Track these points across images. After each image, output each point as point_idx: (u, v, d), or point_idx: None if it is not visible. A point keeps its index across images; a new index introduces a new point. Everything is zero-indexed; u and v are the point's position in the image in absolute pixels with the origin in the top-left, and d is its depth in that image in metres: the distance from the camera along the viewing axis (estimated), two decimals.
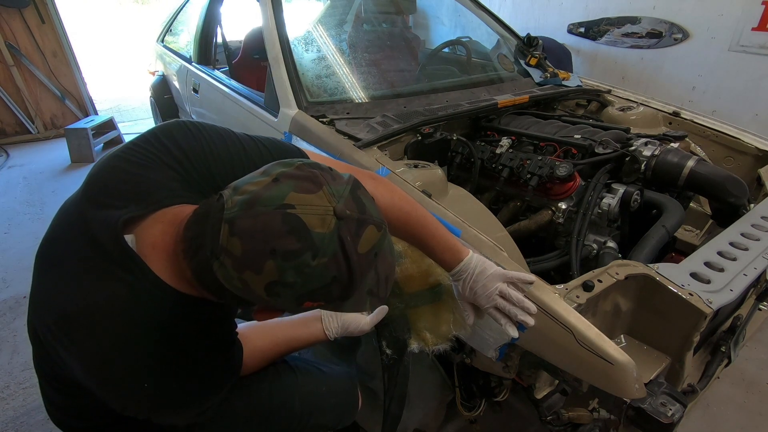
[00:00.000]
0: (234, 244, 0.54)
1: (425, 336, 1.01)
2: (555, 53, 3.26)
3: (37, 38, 4.17)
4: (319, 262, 0.54)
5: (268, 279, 0.54)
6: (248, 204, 0.55)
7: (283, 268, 0.53)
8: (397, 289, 1.03)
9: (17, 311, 2.14)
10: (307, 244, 0.53)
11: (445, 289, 1.02)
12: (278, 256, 0.53)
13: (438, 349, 1.01)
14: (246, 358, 0.87)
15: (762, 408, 1.62)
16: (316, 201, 0.56)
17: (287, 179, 0.57)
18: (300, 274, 0.54)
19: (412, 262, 1.04)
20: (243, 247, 0.53)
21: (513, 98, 1.74)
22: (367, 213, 0.60)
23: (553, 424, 1.02)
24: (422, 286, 1.02)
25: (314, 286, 0.55)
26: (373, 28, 2.31)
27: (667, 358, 0.98)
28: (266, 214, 0.54)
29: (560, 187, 1.32)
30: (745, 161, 1.65)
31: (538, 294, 0.90)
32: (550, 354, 0.90)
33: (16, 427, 1.58)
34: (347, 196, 0.58)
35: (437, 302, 1.02)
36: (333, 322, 0.99)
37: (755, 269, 1.02)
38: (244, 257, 0.54)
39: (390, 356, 1.03)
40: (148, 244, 0.65)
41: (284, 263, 0.53)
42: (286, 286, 0.54)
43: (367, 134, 1.38)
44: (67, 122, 4.33)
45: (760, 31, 2.74)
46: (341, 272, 0.56)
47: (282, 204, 0.54)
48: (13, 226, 2.91)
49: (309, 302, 0.58)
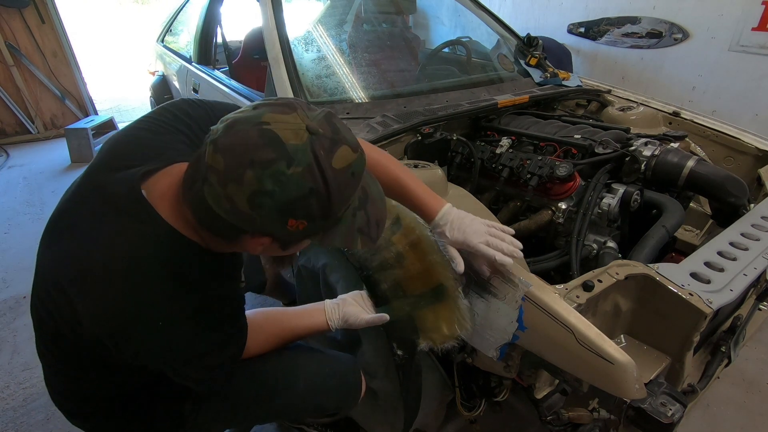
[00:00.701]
0: (217, 161, 0.59)
1: (433, 336, 1.02)
2: (555, 53, 3.26)
3: (37, 38, 4.17)
4: (294, 170, 0.59)
5: (249, 189, 0.58)
6: (229, 125, 0.61)
7: (261, 177, 0.58)
8: (401, 292, 1.04)
9: (17, 311, 2.14)
10: (282, 154, 0.58)
11: (447, 289, 1.03)
12: (256, 166, 0.58)
13: (446, 346, 1.02)
14: (251, 341, 0.89)
15: (762, 408, 1.62)
16: (290, 119, 0.61)
17: (265, 106, 0.63)
18: (277, 182, 0.58)
19: (414, 262, 1.04)
20: (225, 161, 0.59)
21: (513, 98, 1.74)
22: (341, 135, 0.64)
23: (553, 424, 1.02)
24: (425, 287, 1.03)
25: (292, 195, 0.59)
26: (373, 28, 2.31)
27: (667, 358, 0.98)
28: (244, 131, 0.59)
29: (560, 187, 1.32)
30: (745, 161, 1.65)
31: (538, 294, 0.90)
32: (551, 354, 0.90)
33: (16, 427, 1.58)
34: (321, 118, 0.64)
35: (441, 302, 1.02)
36: (335, 312, 1.02)
37: (755, 269, 1.02)
38: (227, 170, 0.59)
39: (402, 356, 1.05)
40: (157, 195, 0.70)
41: (262, 171, 0.58)
42: (266, 194, 0.59)
43: (367, 134, 1.38)
44: (67, 122, 4.33)
45: (760, 31, 2.74)
46: (317, 184, 0.60)
47: (259, 122, 0.60)
48: (13, 226, 2.91)
49: (293, 220, 0.62)
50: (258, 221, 0.62)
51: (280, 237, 0.67)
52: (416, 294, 1.03)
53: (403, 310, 1.03)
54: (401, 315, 1.03)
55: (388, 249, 1.07)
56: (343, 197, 0.64)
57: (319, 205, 0.62)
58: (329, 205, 0.63)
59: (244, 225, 0.63)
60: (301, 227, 0.64)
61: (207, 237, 0.71)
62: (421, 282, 1.03)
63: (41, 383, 1.74)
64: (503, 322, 0.94)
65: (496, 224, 0.96)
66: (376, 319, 1.00)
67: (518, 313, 0.91)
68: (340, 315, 1.02)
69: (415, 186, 0.98)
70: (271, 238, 0.67)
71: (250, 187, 0.58)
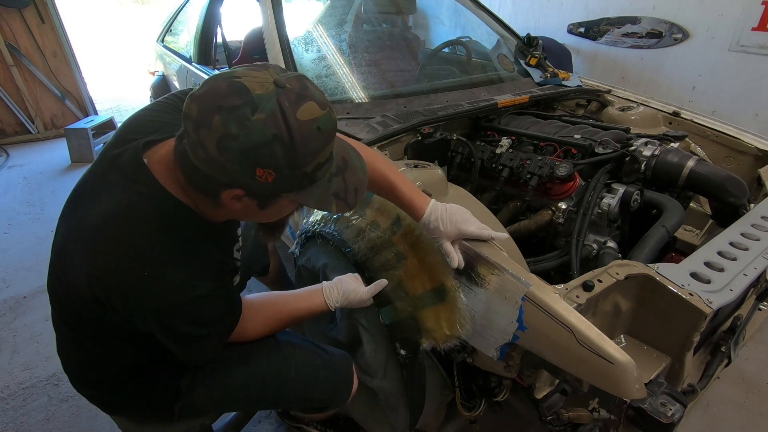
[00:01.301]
0: (192, 108, 0.65)
1: (435, 335, 1.03)
2: (555, 53, 3.26)
3: (37, 38, 4.17)
4: (258, 116, 0.63)
5: (217, 133, 0.63)
6: (206, 81, 0.68)
7: (227, 121, 0.63)
8: (402, 292, 1.05)
9: (17, 311, 2.14)
10: (247, 101, 0.63)
11: (448, 289, 1.03)
12: (223, 111, 0.63)
13: (448, 345, 1.03)
14: (248, 322, 0.93)
15: (762, 408, 1.62)
16: (260, 75, 0.66)
17: (242, 66, 0.68)
18: (242, 127, 0.63)
19: (415, 263, 1.05)
20: (198, 108, 0.65)
21: (513, 98, 1.74)
22: (309, 92, 0.68)
23: (553, 424, 1.02)
24: (426, 287, 1.04)
25: (256, 139, 0.63)
26: (373, 28, 2.31)
27: (667, 358, 0.98)
28: (217, 83, 0.66)
29: (560, 187, 1.32)
30: (745, 161, 1.65)
31: (538, 294, 0.90)
32: (551, 354, 0.90)
33: (16, 427, 1.58)
34: (292, 77, 0.68)
35: (442, 302, 1.03)
36: (333, 291, 1.04)
37: (755, 269, 1.02)
38: (198, 117, 0.64)
39: (405, 356, 1.06)
40: (155, 161, 0.77)
41: (228, 116, 0.63)
42: (231, 137, 0.63)
43: (367, 134, 1.38)
44: (67, 122, 4.33)
45: (760, 31, 2.74)
46: (280, 131, 0.64)
47: (231, 76, 0.65)
48: (13, 226, 2.91)
49: (260, 169, 0.66)
50: (228, 168, 0.66)
51: (252, 189, 0.70)
52: (418, 294, 1.04)
53: (406, 311, 1.04)
54: (404, 316, 1.04)
55: (389, 249, 1.08)
56: (308, 150, 0.67)
57: (284, 154, 0.65)
58: (294, 155, 0.66)
59: (217, 173, 0.67)
60: (270, 179, 0.67)
61: (195, 198, 0.77)
62: (423, 282, 1.04)
63: (41, 383, 1.74)
64: (503, 322, 0.94)
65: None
66: (375, 287, 1.03)
67: (518, 313, 0.91)
68: (339, 293, 1.04)
69: (403, 184, 1.01)
70: (244, 190, 0.70)
71: (218, 131, 0.63)
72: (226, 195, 0.70)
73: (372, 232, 1.13)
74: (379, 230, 1.13)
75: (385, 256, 1.08)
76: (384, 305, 1.06)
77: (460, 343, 1.04)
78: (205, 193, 0.73)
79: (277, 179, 0.67)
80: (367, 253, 1.10)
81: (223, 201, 0.72)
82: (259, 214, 0.78)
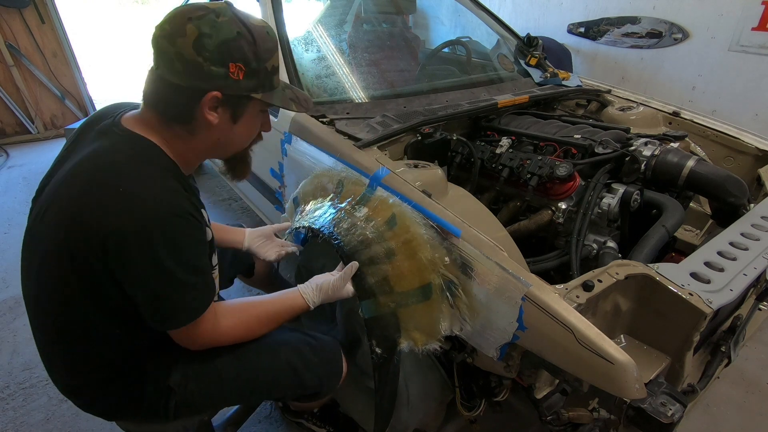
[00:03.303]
0: (164, 27, 0.78)
1: (415, 335, 1.01)
2: (555, 53, 3.26)
3: (37, 38, 4.17)
4: (222, 19, 0.79)
5: (192, 36, 0.76)
6: (167, 14, 0.80)
7: (199, 25, 0.77)
8: (388, 287, 1.02)
9: (17, 311, 2.14)
10: (209, 10, 0.79)
11: (435, 288, 1.01)
12: (194, 19, 0.77)
13: (428, 348, 1.00)
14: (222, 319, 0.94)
15: (762, 408, 1.62)
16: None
17: None
18: (213, 27, 0.77)
19: (404, 260, 1.03)
20: (170, 23, 0.78)
21: (513, 98, 1.74)
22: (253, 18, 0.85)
23: (553, 424, 1.02)
24: (413, 284, 1.02)
25: (226, 36, 0.78)
26: (373, 28, 2.31)
27: (667, 358, 0.98)
28: (177, 9, 0.80)
29: (560, 187, 1.32)
30: (745, 161, 1.65)
31: (538, 294, 0.90)
32: (551, 354, 0.90)
33: (16, 427, 1.58)
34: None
35: (427, 301, 1.01)
36: (309, 288, 1.05)
37: (755, 269, 1.02)
38: (172, 29, 0.77)
39: (380, 355, 1.02)
40: (128, 117, 0.88)
41: (198, 21, 0.77)
42: (206, 36, 0.77)
43: (367, 134, 1.38)
44: (67, 122, 4.33)
45: (760, 31, 2.74)
46: (242, 30, 0.80)
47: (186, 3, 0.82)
48: (13, 226, 2.91)
49: (233, 64, 0.79)
50: (205, 69, 0.78)
51: (227, 91, 0.81)
52: (403, 291, 1.02)
53: (388, 306, 1.02)
54: (385, 311, 1.02)
55: (380, 244, 1.05)
56: (266, 47, 0.83)
57: (249, 48, 0.81)
58: (256, 49, 0.81)
59: (197, 78, 0.79)
60: (241, 75, 0.81)
61: (169, 137, 0.86)
62: (410, 279, 1.02)
63: (41, 383, 1.74)
64: (503, 322, 0.94)
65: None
66: (346, 272, 1.03)
67: (518, 313, 0.91)
68: (314, 288, 1.05)
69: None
70: (221, 92, 0.80)
71: (193, 35, 0.76)
72: (204, 105, 0.81)
73: (365, 226, 1.10)
74: (373, 225, 1.10)
75: (375, 250, 1.05)
76: (366, 298, 1.03)
77: (440, 347, 1.02)
78: (181, 117, 0.83)
79: (246, 75, 0.82)
80: (357, 245, 1.07)
81: (200, 117, 0.82)
82: (231, 131, 0.88)
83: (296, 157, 1.50)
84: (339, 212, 1.17)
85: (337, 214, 1.17)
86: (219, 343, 0.96)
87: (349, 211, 1.16)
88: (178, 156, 0.87)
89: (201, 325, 0.89)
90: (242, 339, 0.99)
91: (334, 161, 1.33)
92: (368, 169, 1.22)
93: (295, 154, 1.51)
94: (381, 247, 1.05)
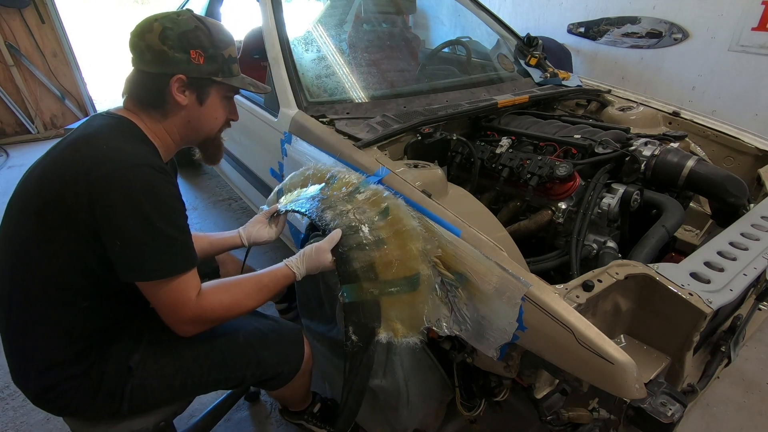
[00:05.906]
0: (136, 28, 0.94)
1: (395, 326, 0.97)
2: (555, 53, 3.26)
3: (37, 38, 4.17)
4: (181, 17, 0.95)
5: (157, 31, 0.91)
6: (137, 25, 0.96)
7: (163, 22, 0.92)
8: (373, 274, 0.99)
9: None
10: (172, 12, 0.96)
11: (422, 280, 0.99)
12: (158, 19, 0.93)
13: (408, 341, 0.97)
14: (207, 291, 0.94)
15: (762, 408, 1.62)
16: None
17: None
18: (174, 23, 0.93)
19: (393, 248, 1.00)
20: (140, 25, 0.94)
21: (513, 98, 1.74)
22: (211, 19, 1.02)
23: (553, 424, 1.02)
24: (399, 273, 0.99)
25: (185, 28, 0.93)
26: (373, 28, 2.31)
27: (667, 358, 0.98)
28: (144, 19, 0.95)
29: (560, 187, 1.32)
30: (745, 161, 1.65)
31: (538, 294, 0.90)
32: (551, 354, 0.90)
33: (16, 427, 1.58)
34: None
35: (413, 292, 0.99)
36: (294, 257, 1.07)
37: (755, 269, 1.02)
38: (141, 28, 0.93)
39: (355, 343, 0.97)
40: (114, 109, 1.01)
41: (162, 20, 0.93)
42: (168, 29, 0.92)
43: (367, 134, 1.38)
44: (67, 122, 4.34)
45: (760, 31, 2.74)
46: (199, 24, 0.95)
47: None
48: None
49: (193, 50, 0.93)
50: (170, 56, 0.92)
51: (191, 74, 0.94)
52: (388, 279, 0.99)
53: (371, 293, 0.98)
54: (367, 297, 0.98)
55: (370, 231, 1.04)
56: (221, 37, 0.98)
57: (206, 37, 0.95)
58: (212, 39, 0.96)
59: (163, 65, 0.92)
60: (201, 60, 0.95)
61: (147, 120, 0.98)
62: (397, 268, 0.99)
63: None
64: (503, 322, 0.94)
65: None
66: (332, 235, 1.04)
67: (518, 313, 0.91)
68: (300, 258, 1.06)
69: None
70: (185, 76, 0.93)
71: (158, 30, 0.91)
72: (172, 86, 0.94)
73: (355, 213, 1.07)
74: (365, 215, 1.07)
75: (364, 235, 1.02)
76: (347, 283, 0.99)
77: (420, 340, 0.98)
78: (155, 102, 0.96)
79: (206, 60, 0.95)
80: (346, 230, 1.04)
81: (171, 101, 0.95)
82: (199, 112, 1.00)
83: (296, 157, 1.50)
84: (329, 198, 1.14)
85: (327, 201, 1.14)
86: (206, 318, 0.94)
87: (340, 198, 1.13)
88: (156, 139, 0.99)
89: (184, 292, 0.89)
90: (230, 313, 0.97)
91: (334, 161, 1.33)
92: (368, 169, 1.22)
93: (295, 154, 1.51)
94: (371, 235, 1.02)
